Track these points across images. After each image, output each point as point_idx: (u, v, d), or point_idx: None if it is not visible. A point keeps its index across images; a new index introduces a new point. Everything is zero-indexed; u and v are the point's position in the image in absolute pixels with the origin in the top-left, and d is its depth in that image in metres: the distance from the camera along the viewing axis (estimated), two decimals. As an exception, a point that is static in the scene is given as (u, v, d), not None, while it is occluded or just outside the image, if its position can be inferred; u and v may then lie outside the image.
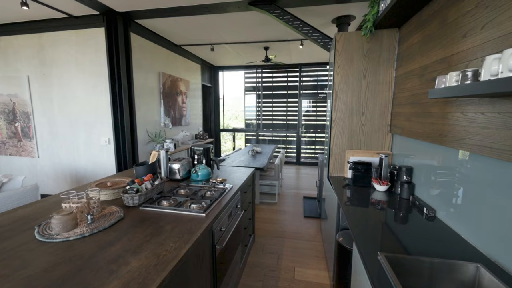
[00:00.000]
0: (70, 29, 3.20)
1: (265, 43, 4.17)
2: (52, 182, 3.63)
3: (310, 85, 5.94)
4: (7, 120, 3.65)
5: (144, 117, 3.62)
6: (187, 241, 1.07)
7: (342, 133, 2.11)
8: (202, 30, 3.61)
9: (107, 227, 1.16)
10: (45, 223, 1.16)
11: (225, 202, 1.53)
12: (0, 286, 0.77)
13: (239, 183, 1.91)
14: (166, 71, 4.12)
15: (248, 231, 2.34)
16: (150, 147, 3.73)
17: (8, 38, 3.44)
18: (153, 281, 0.82)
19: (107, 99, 3.20)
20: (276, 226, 2.87)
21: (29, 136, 3.59)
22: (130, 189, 1.45)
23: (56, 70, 3.34)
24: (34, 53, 3.38)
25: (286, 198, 3.81)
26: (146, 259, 0.93)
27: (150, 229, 1.16)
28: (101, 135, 3.31)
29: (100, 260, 0.91)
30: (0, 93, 3.61)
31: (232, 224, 1.67)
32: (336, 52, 2.02)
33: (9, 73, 3.53)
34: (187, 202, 1.47)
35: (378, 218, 1.36)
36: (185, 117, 4.81)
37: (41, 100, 3.48)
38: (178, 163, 1.97)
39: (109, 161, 3.33)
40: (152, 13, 2.99)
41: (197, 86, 5.40)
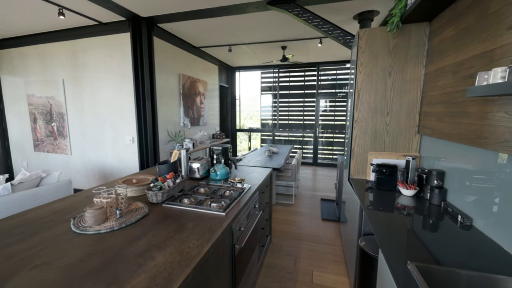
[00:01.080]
0: (99, 35, 3.40)
1: (282, 43, 4.15)
2: (83, 178, 3.88)
3: (328, 84, 5.81)
4: (45, 120, 3.96)
5: (165, 117, 3.74)
6: (209, 239, 1.09)
7: (364, 133, 2.04)
8: (220, 32, 3.67)
9: (134, 222, 1.22)
10: (79, 216, 1.24)
11: (244, 202, 1.55)
12: (43, 272, 0.84)
13: (257, 183, 1.92)
14: (185, 73, 4.24)
15: (265, 232, 2.34)
16: (170, 146, 3.86)
17: (46, 45, 3.72)
18: (178, 276, 0.85)
19: (131, 100, 3.36)
20: (293, 228, 2.84)
21: (64, 135, 3.87)
22: (154, 186, 1.51)
23: (87, 74, 3.57)
24: (68, 58, 3.63)
25: (303, 199, 3.76)
26: (170, 255, 0.97)
27: (173, 226, 1.20)
28: (126, 134, 3.48)
29: (129, 254, 0.96)
30: (39, 95, 3.92)
31: (250, 224, 1.68)
32: (359, 50, 1.96)
33: (47, 77, 3.82)
34: (207, 201, 1.50)
35: (405, 225, 1.30)
36: (203, 117, 4.92)
37: (74, 102, 3.73)
38: (198, 163, 2.02)
39: (133, 159, 3.49)
40: (174, 17, 3.09)
41: (214, 87, 5.49)
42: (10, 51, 4.05)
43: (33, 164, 4.27)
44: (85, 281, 0.81)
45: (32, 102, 4.02)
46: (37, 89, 3.93)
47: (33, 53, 3.86)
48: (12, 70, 4.12)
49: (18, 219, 1.25)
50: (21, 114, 4.21)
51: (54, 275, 0.83)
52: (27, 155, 4.32)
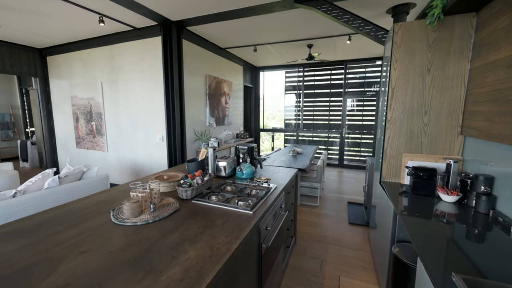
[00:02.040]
0: (133, 40, 3.62)
1: (308, 41, 4.07)
2: (117, 173, 4.16)
3: (356, 83, 5.59)
4: (86, 119, 4.32)
5: (192, 117, 3.87)
6: (237, 237, 1.10)
7: (398, 134, 1.92)
8: (245, 32, 3.70)
9: (166, 216, 1.27)
10: (117, 208, 1.33)
11: (270, 201, 1.54)
12: (89, 258, 0.91)
13: (283, 183, 1.90)
14: (211, 74, 4.34)
15: (290, 233, 2.31)
16: (196, 145, 3.98)
17: (88, 51, 4.06)
18: (209, 271, 0.87)
19: (161, 100, 3.52)
20: (318, 230, 2.77)
21: (101, 133, 4.18)
22: (184, 183, 1.56)
23: (122, 76, 3.82)
24: (106, 62, 3.92)
25: (328, 201, 3.65)
26: (201, 249, 0.99)
27: (203, 222, 1.23)
28: (156, 133, 3.66)
29: (163, 246, 1.00)
30: (81, 97, 4.28)
31: (277, 224, 1.67)
32: (393, 45, 1.85)
33: (88, 80, 4.16)
34: (234, 199, 1.52)
35: (446, 233, 1.20)
36: (227, 117, 5.00)
37: (110, 102, 4.02)
38: (225, 161, 2.06)
39: (162, 157, 3.66)
40: (202, 19, 3.18)
41: (239, 87, 5.56)
42: (58, 57, 4.48)
43: (75, 159, 4.67)
44: (126, 268, 0.86)
45: (75, 103, 4.41)
46: (79, 91, 4.30)
47: (77, 58, 4.23)
48: (59, 74, 4.55)
49: (65, 208, 1.37)
50: (66, 114, 4.63)
51: (98, 262, 0.89)
52: (70, 151, 4.74)
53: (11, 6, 2.76)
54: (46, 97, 4.77)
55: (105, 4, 2.70)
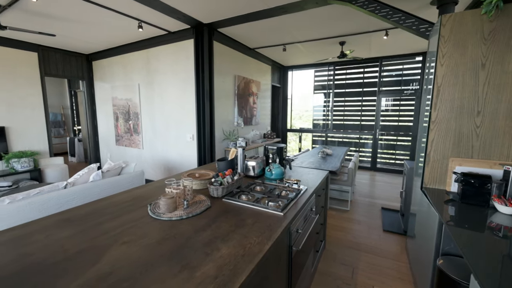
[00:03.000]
0: (168, 43, 3.81)
1: (340, 38, 3.91)
2: (151, 170, 4.41)
3: (392, 81, 5.24)
4: (124, 119, 4.65)
5: (221, 116, 3.96)
6: (269, 238, 1.08)
7: (445, 136, 1.75)
8: (275, 32, 3.68)
9: (198, 213, 1.30)
10: (154, 203, 1.40)
11: (301, 203, 1.50)
12: (130, 249, 0.96)
13: (314, 186, 1.84)
14: (240, 74, 4.39)
15: (320, 237, 2.23)
16: (224, 144, 4.06)
17: (127, 55, 4.37)
18: (243, 270, 0.86)
19: (192, 101, 3.65)
20: (349, 236, 2.65)
21: (138, 132, 4.47)
22: (215, 181, 1.59)
23: (157, 78, 4.04)
24: (143, 65, 4.18)
25: (360, 206, 3.47)
26: (234, 248, 1.00)
27: (234, 220, 1.24)
28: (187, 132, 3.81)
29: (197, 242, 1.03)
30: (120, 98, 4.63)
31: (307, 227, 1.63)
32: (440, 39, 1.68)
33: (127, 82, 4.48)
34: (264, 199, 1.51)
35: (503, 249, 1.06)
36: (255, 117, 5.02)
37: (146, 103, 4.28)
38: (254, 161, 2.06)
39: (192, 155, 3.79)
40: (233, 21, 3.23)
41: (267, 87, 5.55)
42: (101, 62, 4.89)
43: (114, 155, 5.06)
44: (163, 261, 0.89)
45: (115, 103, 4.77)
46: (119, 92, 4.65)
47: (118, 62, 4.57)
48: (102, 77, 4.97)
49: (108, 201, 1.48)
50: (107, 113, 5.04)
51: (139, 252, 0.94)
52: (110, 148, 5.15)
53: (65, 16, 3.07)
54: (91, 98, 5.25)
55: (144, 11, 2.88)
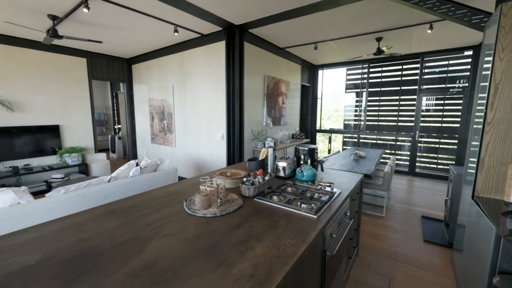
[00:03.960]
0: (200, 46, 3.95)
1: (377, 34, 3.70)
2: (182, 167, 4.61)
3: (434, 78, 4.81)
4: (159, 118, 4.94)
5: (250, 116, 3.99)
6: (304, 241, 1.06)
7: (503, 140, 1.55)
8: (306, 30, 3.60)
9: (231, 212, 1.32)
10: (189, 200, 1.45)
11: (335, 207, 1.44)
12: (170, 242, 1.01)
13: (348, 189, 1.76)
14: (270, 74, 4.39)
15: (353, 243, 2.13)
16: (253, 144, 4.09)
17: (163, 58, 4.63)
18: (278, 271, 0.85)
19: (223, 101, 3.74)
20: (384, 244, 2.49)
21: (171, 131, 4.71)
22: (247, 181, 1.60)
23: (190, 79, 4.21)
24: (177, 67, 4.39)
25: (396, 213, 3.24)
26: (267, 248, 0.99)
27: (267, 221, 1.24)
28: (217, 131, 3.91)
29: (231, 240, 1.04)
30: (156, 99, 4.92)
31: (341, 232, 1.56)
32: (500, 30, 1.49)
33: (162, 83, 4.75)
34: (296, 201, 1.48)
35: None
36: (284, 117, 4.98)
37: (179, 103, 4.48)
38: (285, 162, 2.03)
39: (222, 154, 3.88)
40: (264, 21, 3.23)
41: (296, 87, 5.47)
42: (140, 65, 5.25)
43: (149, 153, 5.40)
44: (201, 256, 0.92)
45: (151, 104, 5.09)
46: (155, 93, 4.94)
47: (155, 65, 4.86)
48: (140, 79, 5.33)
49: (147, 196, 1.58)
50: (144, 113, 5.39)
51: (178, 246, 0.98)
52: (146, 146, 5.50)
53: (110, 24, 3.35)
54: (130, 99, 5.66)
55: (180, 15, 3.02)
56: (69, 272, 0.82)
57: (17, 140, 4.05)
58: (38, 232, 1.08)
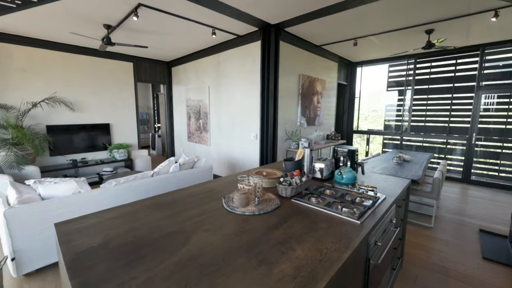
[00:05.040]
0: (236, 47, 4.03)
1: (428, 26, 3.36)
2: (216, 165, 4.76)
3: (497, 73, 4.21)
4: (195, 117, 5.17)
5: (284, 116, 3.95)
6: (347, 246, 1.00)
7: None
8: (346, 26, 3.43)
9: (269, 211, 1.31)
10: (227, 197, 1.48)
11: (380, 213, 1.34)
12: (212, 236, 1.04)
13: (393, 195, 1.63)
14: (305, 73, 4.29)
15: (397, 253, 1.97)
16: (286, 145, 4.04)
17: (200, 60, 4.84)
18: (322, 276, 0.82)
19: (257, 101, 3.76)
20: (433, 258, 2.25)
21: (206, 130, 4.90)
22: (284, 181, 1.58)
23: (225, 80, 4.32)
24: (213, 69, 4.55)
25: (446, 224, 2.91)
26: (309, 251, 0.96)
27: (306, 222, 1.20)
28: (250, 131, 3.95)
29: (271, 239, 1.03)
30: (193, 99, 5.16)
31: (386, 240, 1.45)
32: None
33: (199, 84, 4.96)
34: (336, 204, 1.42)
35: None
36: (318, 117, 4.83)
37: (214, 103, 4.64)
38: (322, 163, 1.96)
39: (255, 154, 3.91)
40: (302, 18, 3.17)
41: (332, 85, 5.26)
42: (178, 67, 5.56)
43: (186, 150, 5.69)
44: (242, 252, 0.93)
45: (188, 104, 5.35)
46: (192, 94, 5.18)
47: (192, 67, 5.11)
48: (179, 81, 5.64)
49: (188, 191, 1.65)
50: (181, 113, 5.70)
51: (219, 241, 1.01)
52: (183, 144, 5.81)
53: (155, 30, 3.60)
54: (169, 100, 6.03)
55: (217, 18, 3.11)
56: (125, 256, 0.89)
57: (76, 136, 4.59)
58: (97, 218, 1.20)
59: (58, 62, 4.29)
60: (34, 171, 3.61)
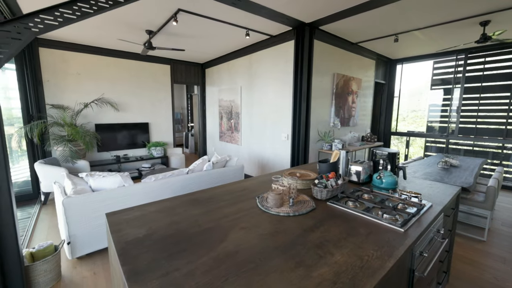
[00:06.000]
0: (268, 47, 4.03)
1: (483, 17, 3.00)
2: (247, 165, 4.82)
3: None
4: (227, 118, 5.30)
5: (316, 117, 3.84)
6: (391, 255, 0.94)
7: None
8: (387, 21, 3.22)
9: (304, 213, 1.29)
10: (261, 196, 1.49)
11: (426, 221, 1.24)
12: (248, 235, 1.05)
13: (441, 202, 1.49)
14: (340, 72, 4.13)
15: (443, 267, 1.79)
16: (318, 146, 3.93)
17: (233, 61, 4.94)
18: (364, 283, 0.78)
19: (289, 101, 3.72)
20: (486, 275, 2.00)
21: (238, 129, 4.99)
22: (319, 183, 1.54)
23: (257, 81, 4.36)
24: (245, 69, 4.61)
25: (503, 239, 2.57)
26: (348, 256, 0.92)
27: (343, 227, 1.15)
28: (282, 131, 3.92)
29: (307, 242, 1.01)
30: (225, 99, 5.30)
31: (432, 252, 1.33)
32: None
33: (232, 85, 5.07)
34: (376, 210, 1.34)
35: None
36: (353, 117, 4.61)
37: (246, 104, 4.70)
38: (360, 166, 1.86)
39: (286, 154, 3.87)
40: (339, 15, 3.05)
41: (369, 84, 4.99)
42: (212, 69, 5.75)
43: (217, 150, 5.86)
44: (278, 253, 0.92)
45: (220, 104, 5.50)
46: (224, 94, 5.32)
47: (225, 68, 5.24)
48: (212, 82, 5.83)
49: (223, 189, 1.69)
50: (214, 113, 5.88)
51: (255, 240, 1.01)
52: (215, 143, 5.99)
53: (190, 33, 3.77)
54: (202, 100, 6.27)
55: (251, 19, 3.14)
56: (168, 248, 0.95)
57: (119, 134, 5.01)
58: (141, 211, 1.29)
59: (106, 66, 4.73)
60: (85, 165, 4.02)
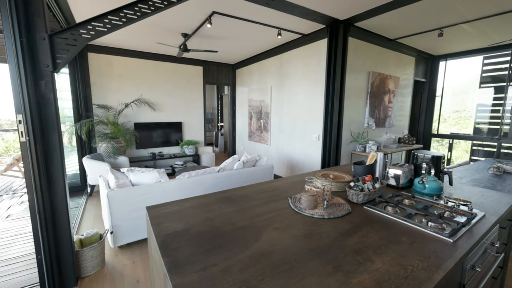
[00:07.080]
0: (300, 46, 3.97)
1: (551, 3, 2.61)
2: (276, 165, 4.81)
3: None
4: (257, 117, 5.35)
5: (350, 117, 3.69)
6: (438, 267, 0.87)
7: None
8: (429, 14, 2.97)
9: (340, 216, 1.25)
10: (294, 197, 1.48)
11: (479, 233, 1.12)
12: (282, 235, 1.05)
13: (496, 213, 1.33)
14: (375, 70, 3.91)
15: (495, 284, 1.60)
16: (351, 147, 3.77)
17: (263, 61, 4.97)
18: (409, 296, 0.73)
19: (321, 101, 3.62)
20: (551, 300, 1.74)
21: (267, 129, 5.01)
22: (355, 186, 1.48)
23: (288, 80, 4.32)
24: (276, 69, 4.61)
25: None
26: (391, 265, 0.87)
27: (383, 233, 1.09)
28: (312, 132, 3.84)
29: (344, 246, 0.98)
30: (255, 99, 5.35)
31: (485, 266, 1.20)
32: None
33: (261, 85, 5.10)
34: (419, 217, 1.25)
35: None
36: (389, 118, 4.34)
37: (276, 104, 4.69)
38: (399, 169, 1.75)
39: (316, 155, 3.78)
40: (375, 11, 2.90)
41: (407, 83, 4.65)
42: (243, 69, 5.84)
43: (246, 149, 5.94)
44: (313, 256, 0.91)
45: (250, 104, 5.57)
46: (254, 94, 5.37)
47: (255, 68, 5.29)
48: (242, 82, 5.93)
49: (255, 188, 1.71)
50: (243, 113, 5.97)
51: (289, 241, 1.01)
52: (244, 142, 6.08)
53: (223, 35, 3.87)
54: (232, 100, 6.40)
55: (283, 18, 3.13)
56: (205, 243, 0.99)
57: (154, 133, 5.34)
58: (178, 206, 1.37)
59: (145, 69, 5.08)
60: (125, 161, 4.37)
